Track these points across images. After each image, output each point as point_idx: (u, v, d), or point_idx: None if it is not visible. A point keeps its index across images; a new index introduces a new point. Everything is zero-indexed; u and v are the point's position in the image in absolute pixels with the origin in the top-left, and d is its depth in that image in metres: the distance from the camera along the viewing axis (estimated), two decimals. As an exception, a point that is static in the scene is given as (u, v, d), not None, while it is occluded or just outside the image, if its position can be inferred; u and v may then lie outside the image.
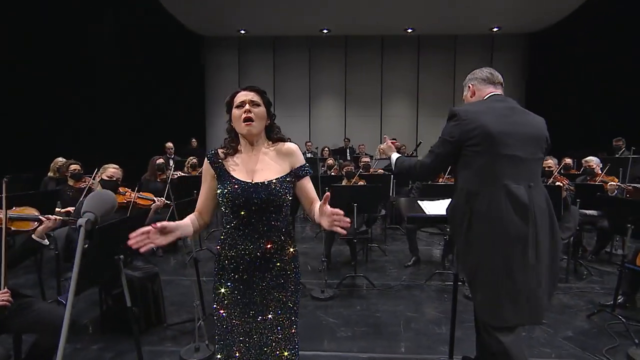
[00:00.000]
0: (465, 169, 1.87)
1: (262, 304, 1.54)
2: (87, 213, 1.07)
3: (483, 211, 1.79)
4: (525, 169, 1.82)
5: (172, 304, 3.54)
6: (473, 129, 1.80)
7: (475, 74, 2.08)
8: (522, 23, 9.98)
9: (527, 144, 1.83)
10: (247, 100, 1.52)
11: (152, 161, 5.25)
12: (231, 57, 11.86)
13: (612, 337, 2.89)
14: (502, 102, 1.93)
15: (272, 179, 1.50)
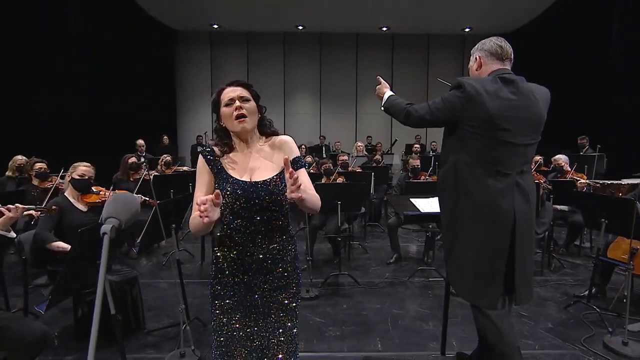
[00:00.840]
0: (460, 145, 1.85)
1: (264, 307, 1.49)
2: (111, 219, 0.98)
3: (471, 191, 1.82)
4: (520, 156, 1.83)
5: (150, 308, 3.39)
6: (475, 109, 1.77)
7: (484, 45, 1.98)
8: (492, 24, 10.28)
9: (526, 130, 1.82)
10: (236, 96, 1.46)
11: (124, 160, 5.01)
12: (203, 53, 11.56)
13: (588, 326, 3.02)
14: (508, 85, 1.83)
15: (271, 176, 1.45)
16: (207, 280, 4.04)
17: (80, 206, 2.96)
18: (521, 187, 1.82)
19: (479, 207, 1.80)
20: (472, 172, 1.82)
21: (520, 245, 1.83)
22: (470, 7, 9.08)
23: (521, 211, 1.81)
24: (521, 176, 1.83)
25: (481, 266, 1.82)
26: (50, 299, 1.70)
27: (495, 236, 1.80)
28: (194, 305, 3.42)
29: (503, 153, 1.78)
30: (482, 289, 1.84)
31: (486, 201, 1.79)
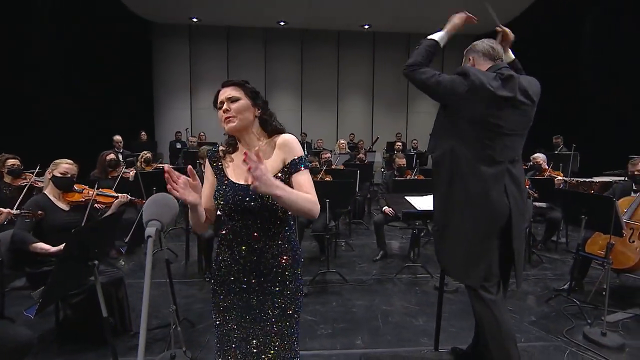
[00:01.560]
0: (455, 130, 1.93)
1: (261, 310, 1.45)
2: (153, 222, 0.94)
3: (464, 175, 1.90)
4: (512, 145, 1.94)
5: (135, 309, 3.28)
6: (473, 101, 1.85)
7: (476, 46, 2.08)
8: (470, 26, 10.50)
9: (519, 121, 1.94)
10: (224, 98, 1.44)
11: (101, 156, 4.83)
12: (181, 46, 11.28)
13: (568, 319, 3.15)
14: (507, 83, 1.90)
15: None
16: (192, 280, 3.99)
17: (61, 205, 2.83)
18: (513, 175, 1.93)
19: (471, 191, 1.89)
20: (466, 157, 1.90)
21: (515, 230, 1.94)
22: (450, 7, 9.21)
23: (513, 197, 1.91)
24: (513, 165, 1.94)
25: (472, 246, 1.93)
26: (41, 302, 1.61)
27: (487, 219, 1.89)
28: (182, 306, 3.34)
29: (496, 143, 1.88)
30: (471, 268, 1.95)
31: (479, 186, 1.88)
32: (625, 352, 2.72)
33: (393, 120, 11.69)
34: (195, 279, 4.03)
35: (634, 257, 3.29)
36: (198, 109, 11.48)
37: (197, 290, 3.75)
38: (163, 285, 3.89)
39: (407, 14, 9.67)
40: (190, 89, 11.43)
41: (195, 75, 11.39)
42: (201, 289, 3.78)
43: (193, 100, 11.48)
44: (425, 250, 4.97)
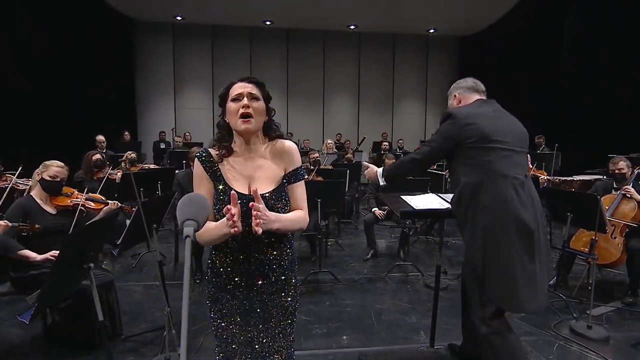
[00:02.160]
0: (465, 164, 1.97)
1: (263, 311, 1.45)
2: (189, 222, 0.92)
3: (488, 202, 1.88)
4: (520, 162, 1.99)
5: (125, 313, 3.21)
6: (469, 127, 1.94)
7: (459, 84, 2.22)
8: (454, 27, 10.70)
9: (518, 139, 2.01)
10: (245, 92, 1.35)
11: (87, 157, 4.71)
12: (165, 45, 11.09)
13: (556, 313, 3.24)
14: (489, 105, 2.11)
15: (269, 190, 1.38)
16: (181, 282, 3.91)
17: (48, 209, 2.74)
18: (531, 191, 1.95)
19: (500, 216, 1.85)
20: (483, 186, 1.90)
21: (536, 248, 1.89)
22: (434, 10, 9.38)
23: (532, 216, 1.88)
24: (528, 180, 1.97)
25: (523, 273, 1.85)
26: (37, 306, 1.57)
27: (522, 241, 1.85)
28: (173, 308, 3.26)
29: (506, 161, 1.91)
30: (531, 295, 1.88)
31: (506, 209, 1.85)
32: (610, 344, 2.82)
33: (379, 120, 11.78)
34: (206, 282, 3.97)
35: (615, 253, 3.42)
36: (182, 108, 11.32)
37: (188, 292, 3.69)
38: (151, 288, 3.84)
39: (392, 15, 9.76)
40: (174, 89, 11.25)
41: (179, 75, 11.22)
42: (192, 291, 3.73)
43: (177, 99, 11.31)
44: (414, 249, 5.03)
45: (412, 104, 12.13)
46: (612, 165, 3.68)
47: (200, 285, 3.84)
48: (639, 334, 2.96)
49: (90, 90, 8.72)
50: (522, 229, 1.85)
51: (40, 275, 2.63)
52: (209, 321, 1.43)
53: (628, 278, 3.57)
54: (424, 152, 2.10)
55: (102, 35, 9.14)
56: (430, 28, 10.92)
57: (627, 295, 3.51)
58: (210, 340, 2.85)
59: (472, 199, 1.93)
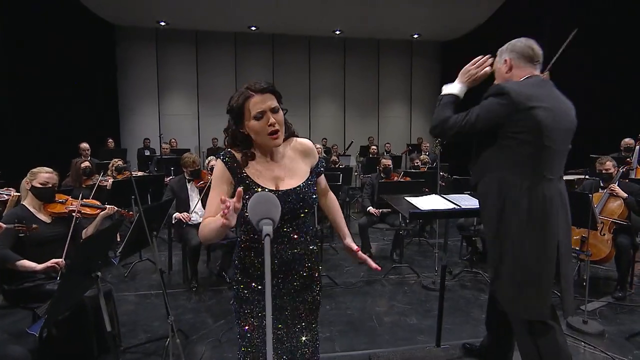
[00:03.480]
0: (501, 156, 1.77)
1: (292, 308, 1.48)
2: (265, 220, 0.90)
3: (519, 202, 1.74)
4: (560, 162, 1.82)
5: (122, 324, 3.13)
6: (523, 116, 1.70)
7: (515, 46, 1.88)
8: (438, 32, 10.93)
9: (565, 137, 1.81)
10: (267, 108, 1.33)
11: (75, 164, 4.59)
12: (148, 50, 10.89)
13: (551, 310, 3.32)
14: (546, 90, 1.81)
15: (300, 184, 1.42)
16: (178, 290, 3.86)
17: (43, 217, 2.65)
18: (562, 193, 1.82)
19: (528, 215, 1.73)
20: (518, 180, 1.75)
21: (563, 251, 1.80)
22: (418, 15, 9.55)
23: (563, 218, 1.80)
24: (560, 182, 1.83)
25: (542, 276, 1.77)
26: (47, 317, 1.51)
27: (548, 243, 1.75)
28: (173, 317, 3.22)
29: (548, 159, 1.75)
30: (544, 300, 1.81)
31: (537, 209, 1.73)
32: (606, 338, 2.91)
33: (365, 124, 11.87)
34: (180, 289, 3.90)
35: (605, 249, 3.54)
36: (166, 115, 11.14)
37: (185, 301, 3.63)
38: (146, 297, 3.75)
39: (376, 20, 9.90)
40: (158, 95, 11.07)
41: (163, 81, 11.05)
42: (189, 299, 3.66)
43: (161, 106, 11.13)
44: (407, 251, 5.07)
45: (397, 107, 12.28)
46: (600, 165, 3.81)
47: (197, 294, 3.77)
48: (631, 327, 3.06)
49: (72, 97, 8.49)
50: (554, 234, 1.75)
51: (36, 287, 2.55)
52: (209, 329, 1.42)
53: (616, 273, 3.70)
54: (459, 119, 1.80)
55: (82, 42, 8.92)
56: (414, 33, 11.12)
57: (617, 290, 3.63)
58: (212, 349, 2.80)
59: (501, 196, 1.78)
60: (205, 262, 4.55)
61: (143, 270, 4.41)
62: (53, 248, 2.50)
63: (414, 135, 12.05)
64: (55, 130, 7.82)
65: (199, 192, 4.02)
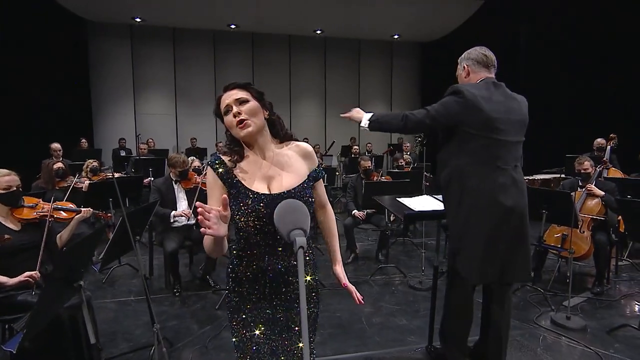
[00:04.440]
0: (458, 149, 2.04)
1: (287, 319, 1.41)
2: (297, 231, 0.83)
3: (475, 187, 2.00)
4: (513, 152, 2.06)
5: (101, 333, 2.98)
6: (474, 112, 1.96)
7: (470, 54, 2.17)
8: (417, 33, 11.06)
9: (516, 128, 2.06)
10: (232, 101, 1.32)
11: (47, 166, 4.35)
12: (122, 48, 10.55)
13: (535, 306, 3.39)
14: (497, 89, 2.08)
15: (294, 187, 1.34)
16: (160, 296, 3.72)
17: (11, 225, 2.44)
18: (516, 181, 2.04)
19: (481, 201, 1.99)
20: (474, 170, 2.00)
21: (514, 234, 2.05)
22: (398, 16, 9.64)
23: (517, 203, 2.02)
24: (515, 170, 2.05)
25: (487, 252, 2.02)
26: (26, 332, 1.40)
27: (498, 224, 2.00)
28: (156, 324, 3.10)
29: (500, 150, 1.99)
30: (486, 270, 2.06)
31: (488, 195, 1.98)
32: (588, 333, 2.98)
33: (346, 124, 11.84)
34: (163, 294, 3.77)
35: (585, 246, 3.64)
36: (143, 114, 10.82)
37: (168, 306, 3.50)
38: (126, 304, 3.60)
39: (358, 21, 9.92)
40: (133, 93, 10.73)
41: (139, 79, 10.72)
42: (172, 305, 3.53)
43: (137, 105, 10.80)
44: (392, 251, 5.09)
45: (378, 108, 12.34)
46: (578, 165, 3.91)
47: (180, 299, 3.65)
48: (611, 321, 3.16)
49: (41, 95, 8.12)
50: (504, 214, 1.99)
51: (6, 299, 2.37)
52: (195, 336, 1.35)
53: (591, 269, 3.82)
54: (421, 113, 2.04)
55: (52, 37, 8.54)
56: (394, 34, 11.21)
57: (595, 285, 3.75)
58: (199, 357, 2.71)
59: (460, 183, 2.03)
60: (188, 266, 4.42)
61: (122, 276, 4.25)
62: (25, 257, 2.32)
63: (395, 135, 12.15)
64: (24, 130, 7.46)
65: (187, 194, 3.89)
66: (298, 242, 0.86)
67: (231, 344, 1.43)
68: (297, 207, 0.94)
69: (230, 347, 2.78)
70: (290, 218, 0.90)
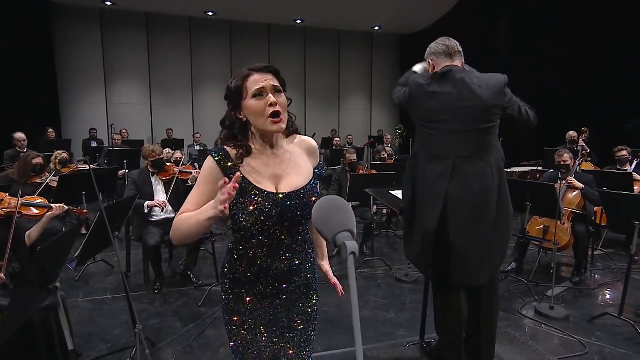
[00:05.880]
0: (416, 137, 2.18)
1: (289, 319, 1.34)
2: (344, 234, 0.73)
3: (417, 176, 2.10)
4: (461, 142, 1.98)
5: (76, 334, 2.81)
6: (414, 107, 2.10)
7: (432, 49, 2.16)
8: (398, 25, 11.05)
9: (465, 118, 1.97)
10: (269, 87, 1.19)
11: (26, 159, 3.97)
12: (92, 33, 10.01)
13: (519, 297, 3.44)
14: (445, 80, 2.02)
15: (302, 186, 1.26)
16: (139, 293, 3.56)
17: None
18: (461, 171, 1.96)
19: (419, 190, 2.08)
20: (419, 159, 2.10)
21: (452, 227, 1.98)
22: (379, 7, 9.58)
23: (456, 194, 1.96)
24: (464, 161, 1.96)
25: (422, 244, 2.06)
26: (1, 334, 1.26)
27: (429, 216, 2.01)
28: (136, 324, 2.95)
29: (439, 141, 2.02)
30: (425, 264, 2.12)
31: (424, 185, 2.05)
32: (571, 322, 3.05)
33: (326, 116, 11.80)
34: (142, 291, 3.60)
35: (565, 238, 3.72)
36: (115, 103, 10.36)
37: (149, 304, 3.35)
38: (102, 303, 3.43)
39: (338, 11, 9.80)
40: (104, 81, 10.24)
41: (110, 66, 10.22)
42: (152, 303, 3.39)
43: (108, 93, 10.32)
44: (376, 243, 5.07)
45: (358, 99, 12.33)
46: (558, 157, 3.98)
47: (160, 295, 3.50)
48: (590, 309, 3.25)
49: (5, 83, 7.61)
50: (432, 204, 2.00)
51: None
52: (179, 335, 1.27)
53: (571, 260, 3.92)
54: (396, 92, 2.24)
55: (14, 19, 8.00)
56: (374, 26, 11.16)
57: (574, 275, 3.85)
58: (184, 356, 2.59)
59: (411, 170, 2.15)
60: (167, 261, 4.25)
61: (97, 273, 4.04)
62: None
63: (375, 127, 12.18)
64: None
65: (165, 186, 3.71)
66: (349, 247, 0.77)
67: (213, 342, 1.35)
68: (342, 206, 0.85)
69: (216, 345, 2.69)
70: (337, 219, 0.81)
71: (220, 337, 2.80)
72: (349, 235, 0.80)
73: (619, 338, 2.81)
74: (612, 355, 2.61)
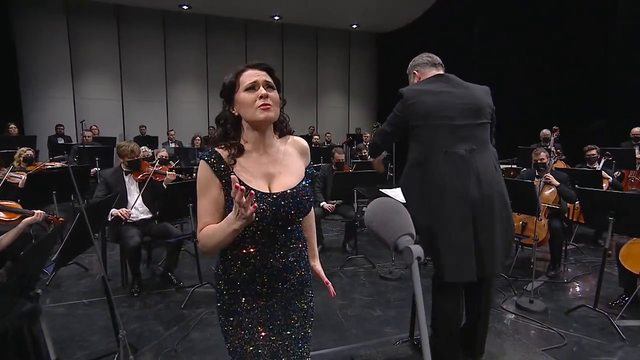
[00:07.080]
0: (413, 142, 2.09)
1: (285, 317, 1.33)
2: (405, 238, 0.67)
3: (428, 178, 2.02)
4: (464, 136, 2.01)
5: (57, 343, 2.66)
6: (416, 107, 2.02)
7: (416, 61, 2.24)
8: (376, 23, 11.11)
9: (466, 113, 2.03)
10: (261, 81, 1.21)
11: None
12: (56, 24, 9.49)
13: (501, 292, 3.53)
14: (441, 80, 2.12)
15: (294, 186, 1.26)
16: (117, 296, 3.42)
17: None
18: (473, 164, 1.97)
19: (436, 190, 1.98)
20: (425, 160, 2.03)
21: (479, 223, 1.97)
22: (357, 6, 9.60)
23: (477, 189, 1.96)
24: (474, 153, 2.00)
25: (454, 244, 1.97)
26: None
27: (457, 213, 1.95)
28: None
29: (446, 136, 1.99)
30: (462, 264, 1.97)
31: (440, 183, 1.98)
32: (549, 314, 3.16)
33: (304, 114, 11.73)
34: (120, 294, 3.45)
35: (542, 233, 3.84)
36: (84, 98, 9.90)
37: (128, 308, 3.22)
38: (76, 307, 3.26)
39: (316, 8, 9.75)
40: (72, 76, 9.76)
41: (77, 59, 9.74)
42: (131, 306, 3.25)
43: (76, 88, 9.85)
44: (358, 241, 5.08)
45: (336, 97, 12.33)
46: (535, 156, 4.11)
47: (139, 298, 3.37)
48: (566, 303, 3.38)
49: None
50: (461, 201, 1.95)
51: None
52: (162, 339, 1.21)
53: (546, 254, 4.06)
54: (379, 133, 2.25)
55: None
56: (352, 23, 11.18)
57: (550, 270, 3.99)
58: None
59: (416, 175, 2.07)
60: (145, 262, 4.11)
61: (69, 276, 3.85)
62: None
63: (352, 125, 12.23)
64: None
65: (139, 186, 3.56)
66: (415, 251, 0.73)
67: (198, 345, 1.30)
68: (398, 208, 0.82)
69: (202, 348, 2.61)
70: (396, 222, 0.78)
71: (206, 340, 2.72)
72: (410, 239, 0.77)
73: (594, 328, 2.92)
74: (589, 346, 2.72)
